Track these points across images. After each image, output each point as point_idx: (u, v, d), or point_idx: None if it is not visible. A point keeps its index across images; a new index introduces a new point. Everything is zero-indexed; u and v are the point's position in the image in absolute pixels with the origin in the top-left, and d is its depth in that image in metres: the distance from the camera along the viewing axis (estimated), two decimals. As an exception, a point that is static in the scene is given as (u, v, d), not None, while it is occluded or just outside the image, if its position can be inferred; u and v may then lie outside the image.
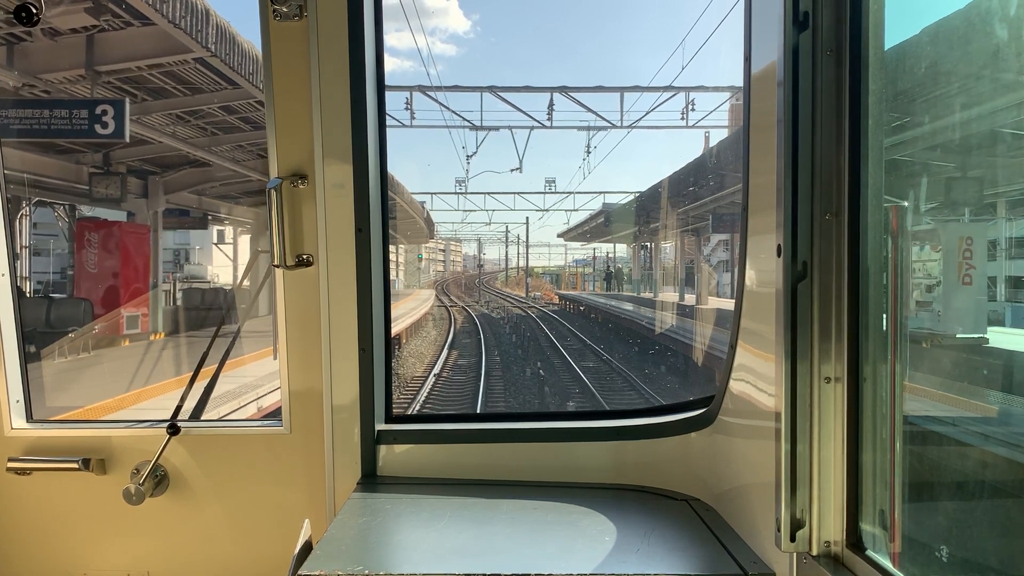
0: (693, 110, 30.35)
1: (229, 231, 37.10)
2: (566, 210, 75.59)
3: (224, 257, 38.45)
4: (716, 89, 33.07)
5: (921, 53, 2.18)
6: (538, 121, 31.46)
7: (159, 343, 22.34)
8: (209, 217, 30.04)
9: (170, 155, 22.14)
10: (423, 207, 47.98)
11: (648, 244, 51.33)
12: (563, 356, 27.46)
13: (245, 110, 19.12)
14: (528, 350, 30.84)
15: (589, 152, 36.90)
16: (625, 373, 23.33)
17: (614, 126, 30.38)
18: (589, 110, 29.99)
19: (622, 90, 28.96)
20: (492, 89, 29.10)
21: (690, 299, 36.22)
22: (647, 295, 47.05)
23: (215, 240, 41.84)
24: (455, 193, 61.76)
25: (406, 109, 28.89)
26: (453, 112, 33.71)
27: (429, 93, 30.25)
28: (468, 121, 32.69)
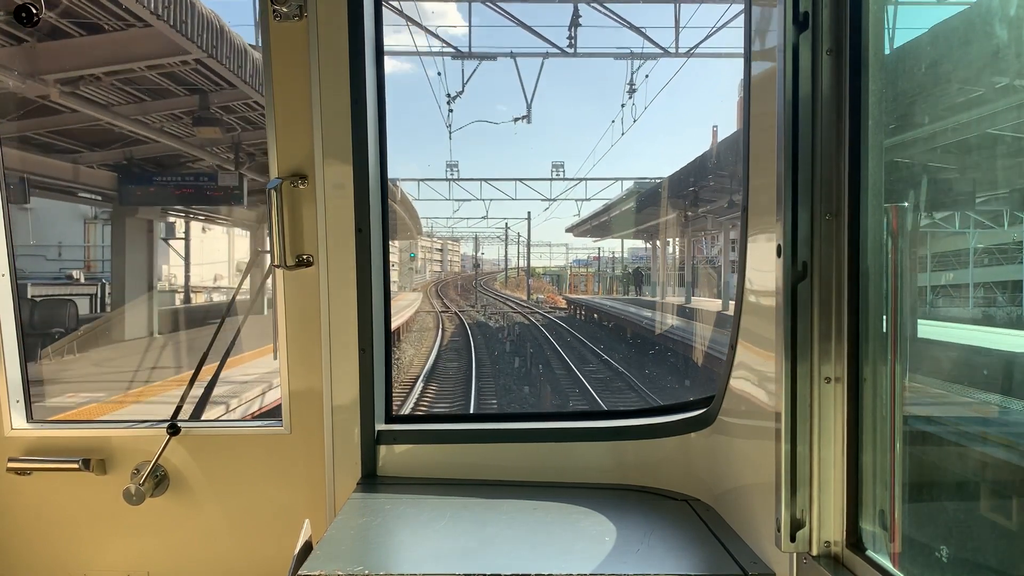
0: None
1: (180, 223, 28.30)
2: (577, 199, 66.61)
3: (177, 256, 29.41)
4: None
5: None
6: (556, 45, 21.64)
7: None
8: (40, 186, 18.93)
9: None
10: (396, 186, 39.16)
11: (680, 237, 41.77)
12: (590, 394, 19.60)
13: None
14: (537, 383, 22.38)
15: (633, 91, 24.83)
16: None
17: (667, 52, 21.69)
18: (632, 27, 20.76)
19: (678, -1, 19.42)
20: (487, -2, 19.52)
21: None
22: (674, 299, 38.84)
23: (163, 235, 29.60)
24: (445, 180, 51.81)
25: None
26: (428, 31, 24.49)
27: (391, 2, 20.89)
28: (452, 46, 22.51)
